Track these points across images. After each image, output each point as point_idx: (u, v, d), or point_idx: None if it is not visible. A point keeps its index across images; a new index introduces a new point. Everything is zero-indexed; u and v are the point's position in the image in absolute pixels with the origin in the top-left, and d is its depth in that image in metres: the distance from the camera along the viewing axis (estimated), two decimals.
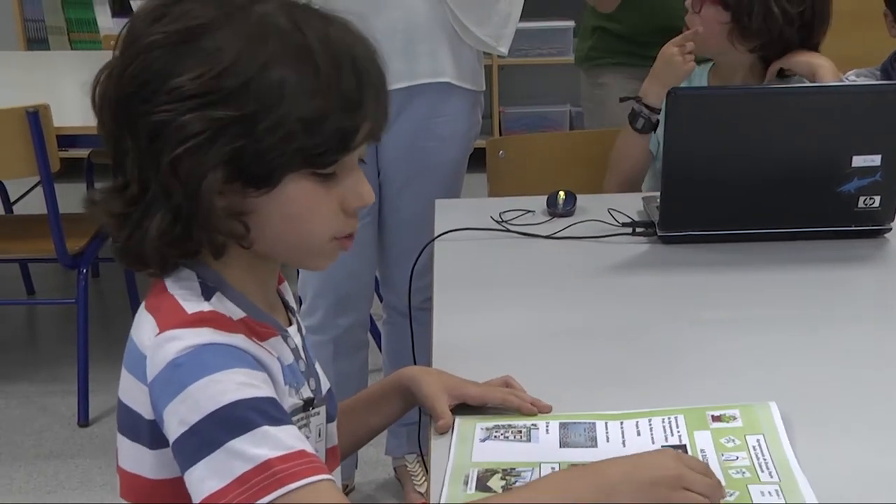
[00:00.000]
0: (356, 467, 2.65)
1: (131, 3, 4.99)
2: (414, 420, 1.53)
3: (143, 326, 1.03)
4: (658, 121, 2.16)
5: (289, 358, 1.11)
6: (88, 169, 4.01)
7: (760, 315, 1.61)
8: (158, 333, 0.99)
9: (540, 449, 1.21)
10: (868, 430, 1.26)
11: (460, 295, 1.68)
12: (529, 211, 2.00)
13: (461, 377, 1.31)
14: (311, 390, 1.14)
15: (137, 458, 1.04)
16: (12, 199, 3.81)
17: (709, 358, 1.46)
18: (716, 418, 1.24)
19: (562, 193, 2.00)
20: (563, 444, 1.22)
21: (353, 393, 1.40)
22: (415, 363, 1.98)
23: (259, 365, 1.00)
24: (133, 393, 1.03)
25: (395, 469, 2.71)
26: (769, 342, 1.50)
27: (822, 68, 2.08)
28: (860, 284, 1.75)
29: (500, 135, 5.03)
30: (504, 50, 2.31)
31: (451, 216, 1.96)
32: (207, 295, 1.03)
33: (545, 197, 2.01)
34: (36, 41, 5.12)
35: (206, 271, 1.05)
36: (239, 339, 1.00)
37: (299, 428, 1.07)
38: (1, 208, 3.79)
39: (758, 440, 1.20)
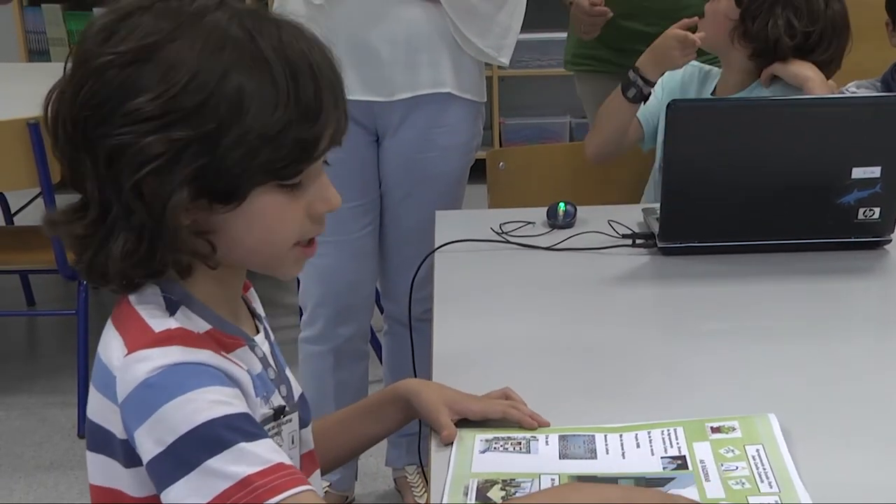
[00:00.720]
0: (356, 478, 2.65)
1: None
2: (414, 431, 1.53)
3: (111, 345, 1.02)
4: (650, 93, 2.19)
5: (257, 367, 1.10)
6: None
7: (760, 326, 1.61)
8: (127, 354, 0.99)
9: (539, 460, 1.21)
10: (868, 441, 1.26)
11: (460, 306, 1.68)
12: (529, 222, 2.00)
13: (461, 391, 1.31)
14: (283, 397, 1.13)
15: (112, 475, 1.04)
16: (13, 211, 3.81)
17: (708, 369, 1.46)
18: (715, 430, 1.24)
19: (562, 205, 2.00)
20: (562, 456, 1.21)
21: (353, 403, 1.40)
22: (415, 373, 1.98)
23: (229, 380, 1.00)
24: (104, 413, 1.02)
25: (395, 480, 2.70)
26: (769, 353, 1.50)
27: (810, 81, 2.08)
28: (860, 296, 1.75)
29: (501, 146, 5.04)
30: (505, 61, 2.31)
31: (451, 227, 1.96)
32: (172, 310, 1.03)
33: (545, 208, 2.01)
34: (37, 53, 5.13)
35: (170, 285, 1.04)
36: (207, 356, 0.99)
37: (272, 437, 1.07)
38: (2, 219, 3.80)
39: (757, 450, 1.19)
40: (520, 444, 1.24)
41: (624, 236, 1.90)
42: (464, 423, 1.27)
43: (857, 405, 1.35)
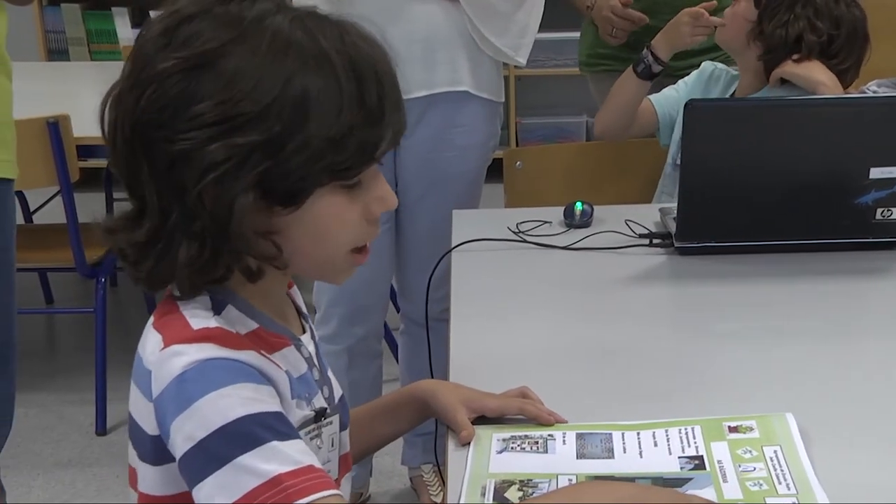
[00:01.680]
0: (371, 476, 2.66)
1: (151, 14, 5.02)
2: (430, 430, 1.54)
3: (149, 341, 1.02)
4: (660, 71, 2.23)
5: (302, 367, 1.10)
6: (107, 179, 4.03)
7: (777, 326, 1.61)
8: (163, 348, 0.99)
9: (557, 460, 1.21)
10: (885, 443, 1.25)
11: (478, 306, 1.68)
12: (546, 222, 2.00)
13: (477, 389, 1.31)
14: (325, 398, 1.13)
15: (142, 477, 1.04)
16: (32, 209, 3.83)
17: (725, 369, 1.46)
18: (732, 429, 1.24)
19: (579, 204, 2.00)
20: (579, 456, 1.21)
21: (366, 402, 1.40)
22: (431, 373, 1.98)
23: (265, 379, 0.99)
24: (138, 406, 1.03)
25: (411, 479, 2.71)
26: (786, 354, 1.50)
27: (822, 86, 2.07)
28: (877, 296, 1.75)
29: (517, 145, 5.04)
30: (522, 60, 2.31)
31: (468, 227, 1.96)
32: (218, 308, 1.03)
33: (562, 208, 2.02)
34: (56, 52, 5.16)
35: (216, 286, 1.04)
36: (244, 355, 0.99)
37: (311, 439, 1.08)
38: (21, 217, 3.81)
39: (775, 451, 1.19)
40: (537, 443, 1.24)
41: (641, 236, 1.90)
42: (481, 421, 1.28)
43: (875, 406, 1.34)
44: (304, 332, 1.16)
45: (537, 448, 1.23)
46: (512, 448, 1.23)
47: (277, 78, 0.95)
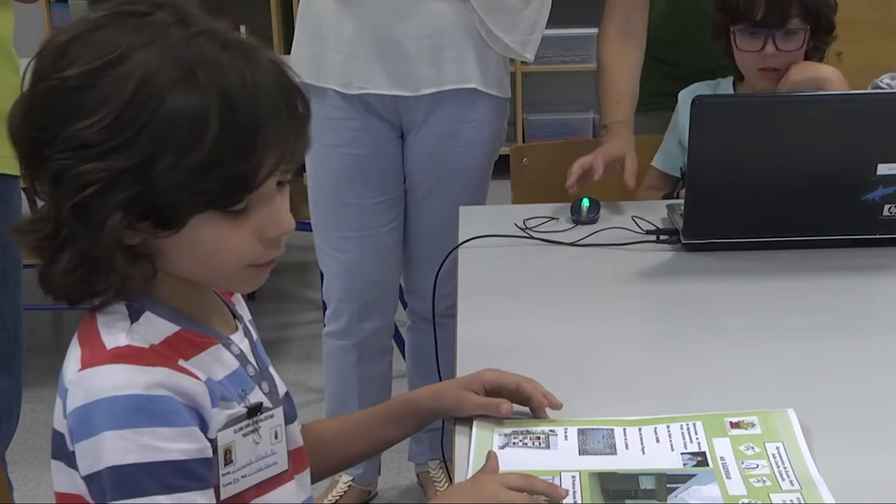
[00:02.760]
0: (379, 473, 2.66)
1: None
2: (437, 427, 1.54)
3: (70, 357, 1.04)
4: None
5: (232, 365, 1.10)
6: None
7: (784, 323, 1.61)
8: (80, 369, 1.01)
9: (559, 456, 1.21)
10: (890, 440, 1.25)
11: (484, 302, 1.68)
12: (553, 218, 2.00)
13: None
14: (265, 393, 1.14)
15: (71, 481, 1.05)
16: (39, 206, 3.83)
17: (731, 365, 1.46)
18: (734, 425, 1.24)
19: (586, 201, 2.00)
20: (581, 452, 1.22)
21: (377, 398, 1.41)
22: (438, 369, 1.99)
23: (174, 411, 0.99)
24: (61, 421, 1.04)
25: (417, 475, 2.71)
26: (792, 350, 1.50)
27: (828, 82, 2.05)
28: (884, 293, 1.74)
29: (524, 142, 5.03)
30: (530, 56, 2.31)
31: (475, 223, 1.97)
32: (134, 316, 1.04)
33: (569, 204, 2.02)
34: None
35: (135, 294, 1.05)
36: (155, 375, 0.99)
37: (244, 435, 1.08)
38: (28, 214, 3.82)
39: (777, 448, 1.19)
40: (539, 438, 1.24)
41: (648, 232, 1.90)
42: (482, 418, 1.28)
43: (881, 403, 1.34)
44: (236, 330, 1.16)
45: (539, 444, 1.23)
46: (514, 444, 1.23)
47: (148, 103, 0.95)
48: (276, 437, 1.14)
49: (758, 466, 1.16)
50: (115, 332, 1.02)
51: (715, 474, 1.16)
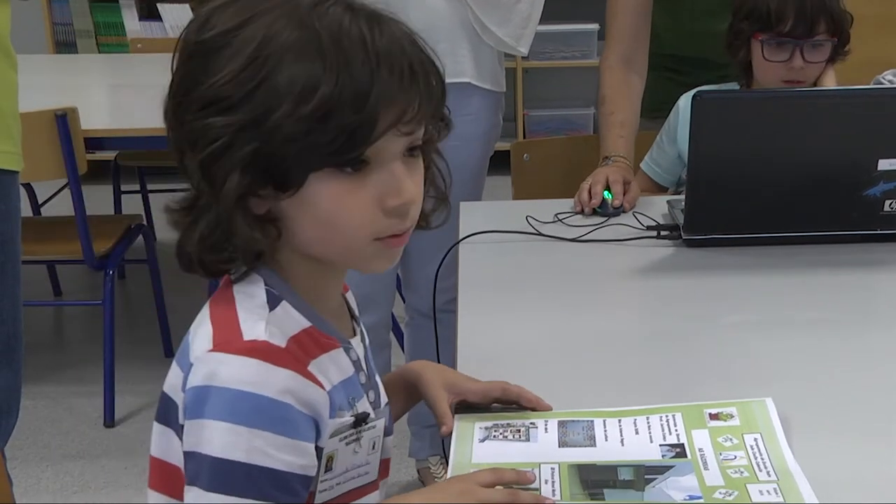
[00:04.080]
0: None
1: (158, 6, 5.03)
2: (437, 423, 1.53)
3: (200, 332, 1.03)
4: None
5: (348, 371, 1.10)
6: (115, 171, 4.04)
7: (784, 318, 1.61)
8: (211, 349, 1.00)
9: (539, 448, 1.21)
10: (888, 436, 1.25)
11: (485, 297, 1.68)
12: (579, 212, 2.01)
13: (462, 374, 1.32)
14: (370, 402, 1.13)
15: (171, 449, 1.05)
16: (40, 201, 3.84)
17: (731, 360, 1.46)
18: (713, 416, 1.24)
19: (607, 193, 2.00)
20: (561, 444, 1.22)
21: None
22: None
23: (292, 422, 1.00)
24: (176, 387, 1.04)
25: (418, 471, 2.71)
26: (792, 346, 1.49)
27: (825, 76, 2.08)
28: (885, 288, 1.74)
29: (525, 137, 5.03)
30: (524, 50, 2.31)
31: (475, 218, 1.97)
32: (273, 304, 1.03)
33: (570, 200, 2.02)
34: (64, 44, 5.17)
35: (274, 279, 1.05)
36: (288, 381, 0.99)
37: (346, 444, 1.08)
38: (29, 210, 3.83)
39: (755, 439, 1.20)
40: (519, 431, 1.24)
41: (649, 228, 1.90)
42: (464, 409, 1.28)
43: (882, 398, 1.34)
44: (354, 334, 1.16)
45: (519, 436, 1.23)
46: (494, 437, 1.23)
47: (265, 63, 0.97)
48: (373, 448, 1.14)
49: (735, 458, 1.17)
50: (254, 320, 1.02)
51: (693, 465, 1.16)
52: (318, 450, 1.04)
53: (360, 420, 1.10)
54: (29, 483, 2.75)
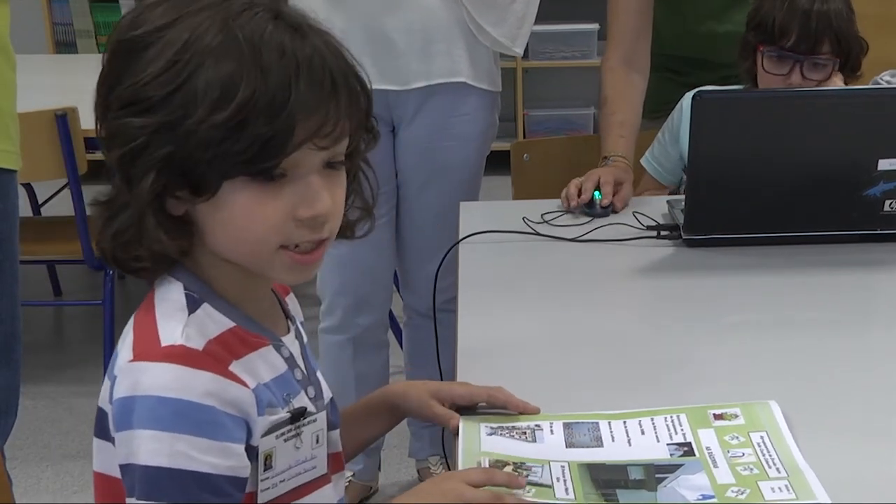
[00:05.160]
0: (379, 468, 2.66)
1: None
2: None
3: (125, 342, 1.05)
4: None
5: (280, 368, 1.10)
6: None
7: (784, 318, 1.61)
8: (131, 360, 1.01)
9: (547, 448, 1.21)
10: (888, 435, 1.25)
11: (485, 297, 1.68)
12: (568, 212, 2.00)
13: (448, 381, 1.33)
14: (310, 398, 1.13)
15: (111, 461, 1.06)
16: (40, 201, 3.84)
17: (731, 361, 1.46)
18: (718, 416, 1.24)
19: (597, 193, 2.00)
20: (568, 445, 1.22)
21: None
22: (439, 364, 1.98)
23: (216, 424, 1.00)
24: (106, 399, 1.05)
25: (418, 471, 2.71)
26: (792, 345, 1.49)
27: None
28: (885, 288, 1.74)
29: (524, 137, 5.03)
30: (519, 50, 2.31)
31: (475, 218, 1.97)
32: (193, 307, 1.04)
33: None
34: (64, 44, 5.17)
35: (194, 282, 1.05)
36: (208, 383, 0.99)
37: (285, 440, 1.08)
38: (29, 210, 3.82)
39: (761, 437, 1.20)
40: (524, 433, 1.24)
41: (649, 228, 1.90)
42: (466, 413, 1.28)
43: (881, 397, 1.34)
44: (287, 332, 1.15)
45: (525, 437, 1.23)
46: (501, 434, 1.23)
47: (184, 67, 0.97)
48: (317, 442, 1.13)
49: (743, 455, 1.17)
50: (171, 326, 1.02)
51: (702, 464, 1.16)
52: (253, 449, 1.04)
53: (298, 415, 1.10)
54: (29, 483, 2.75)
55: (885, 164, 1.76)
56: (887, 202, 1.79)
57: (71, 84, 3.74)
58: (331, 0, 2.12)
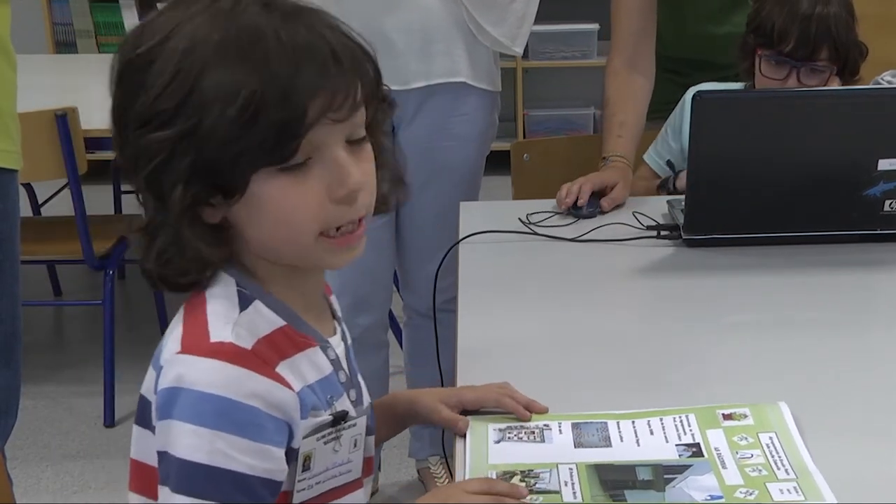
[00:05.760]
0: (379, 469, 2.66)
1: (158, 6, 5.02)
2: None
3: (173, 333, 1.04)
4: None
5: (326, 369, 1.10)
6: (115, 171, 4.03)
7: (784, 318, 1.61)
8: (178, 352, 1.01)
9: (555, 450, 1.21)
10: (888, 435, 1.25)
11: (485, 297, 1.68)
12: (556, 213, 2.00)
13: (456, 387, 1.33)
14: (352, 401, 1.13)
15: (146, 447, 1.06)
16: (40, 201, 3.84)
17: (732, 360, 1.46)
18: (727, 417, 1.24)
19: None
20: (577, 445, 1.22)
21: (374, 394, 1.40)
22: (439, 364, 1.98)
23: (257, 426, 1.00)
24: (150, 388, 1.04)
25: (418, 471, 2.71)
26: (793, 346, 1.49)
27: None
28: (885, 288, 1.74)
29: (525, 137, 5.03)
30: (519, 50, 2.31)
31: (475, 218, 1.97)
32: (244, 304, 1.04)
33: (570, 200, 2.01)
34: (64, 44, 5.16)
35: (246, 280, 1.05)
36: (254, 384, 0.99)
37: (325, 443, 1.08)
38: (29, 210, 3.82)
39: (770, 438, 1.20)
40: (533, 433, 1.24)
41: (649, 228, 1.90)
42: (474, 415, 1.28)
43: (882, 397, 1.34)
44: (334, 334, 1.16)
45: (534, 438, 1.23)
46: (508, 438, 1.23)
47: (188, 74, 0.97)
48: (355, 446, 1.14)
49: (752, 456, 1.17)
50: (221, 322, 1.02)
51: (711, 465, 1.16)
52: (293, 451, 1.04)
53: (339, 419, 1.10)
54: (29, 483, 2.75)
55: (885, 164, 1.76)
56: (887, 202, 1.79)
57: (71, 84, 3.74)
58: (330, 0, 2.12)
